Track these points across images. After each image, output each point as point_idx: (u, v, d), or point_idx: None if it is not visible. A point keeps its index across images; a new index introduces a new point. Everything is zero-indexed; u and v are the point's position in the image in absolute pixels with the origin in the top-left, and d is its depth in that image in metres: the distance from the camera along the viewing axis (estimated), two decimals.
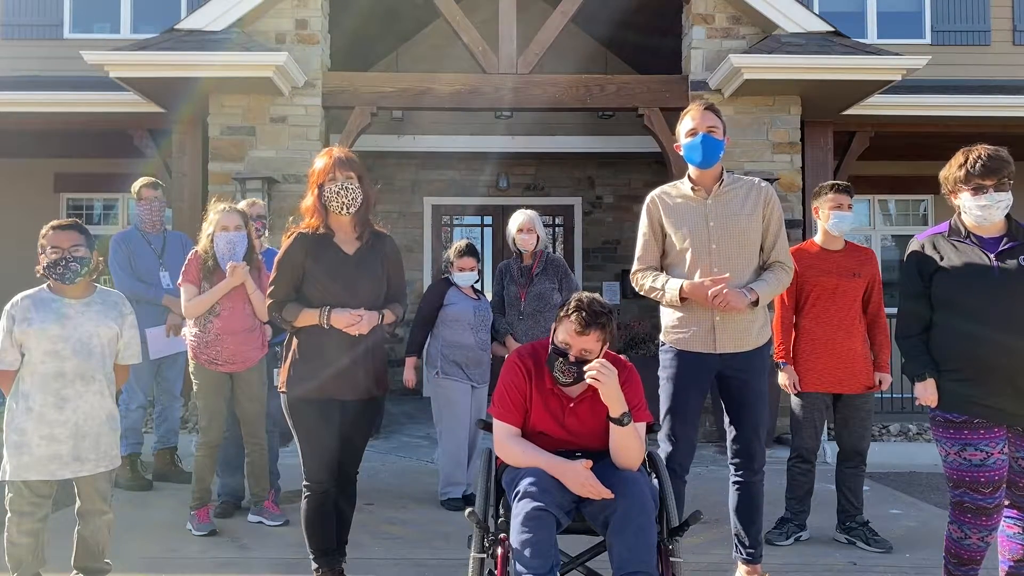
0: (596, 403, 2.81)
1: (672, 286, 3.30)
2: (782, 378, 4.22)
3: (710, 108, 3.37)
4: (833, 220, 4.13)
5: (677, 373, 3.36)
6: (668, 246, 3.41)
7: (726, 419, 3.48)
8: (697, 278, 3.28)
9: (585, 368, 2.73)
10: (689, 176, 3.42)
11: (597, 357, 2.78)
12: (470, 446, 4.96)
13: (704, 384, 3.41)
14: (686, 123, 3.36)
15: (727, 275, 3.22)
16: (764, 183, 3.47)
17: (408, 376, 4.90)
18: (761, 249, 3.41)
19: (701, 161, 3.32)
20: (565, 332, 2.77)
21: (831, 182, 4.26)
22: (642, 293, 3.47)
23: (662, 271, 3.43)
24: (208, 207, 4.40)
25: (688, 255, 3.33)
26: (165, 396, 5.45)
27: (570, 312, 2.75)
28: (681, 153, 3.40)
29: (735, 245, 3.32)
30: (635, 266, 3.49)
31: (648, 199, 3.48)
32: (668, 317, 3.44)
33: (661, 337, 3.49)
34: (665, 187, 3.49)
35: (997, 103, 7.32)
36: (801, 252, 4.22)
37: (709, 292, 3.18)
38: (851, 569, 3.85)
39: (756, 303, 3.28)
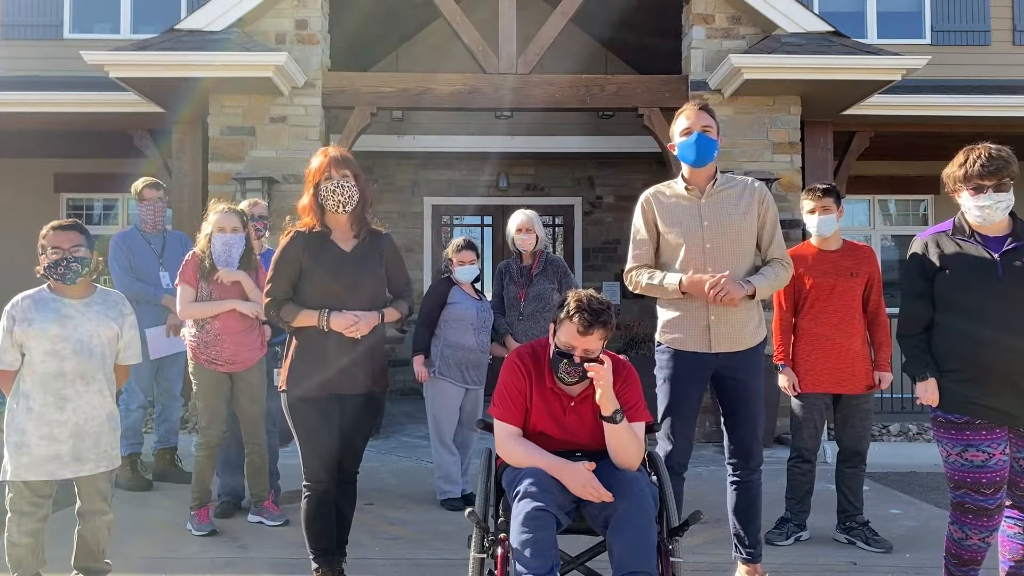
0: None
1: (671, 281, 3.31)
2: (782, 380, 4.22)
3: (704, 108, 3.37)
4: (813, 225, 4.16)
5: (674, 373, 3.36)
6: (662, 245, 3.42)
7: (723, 419, 3.48)
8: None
9: (587, 366, 2.73)
10: (683, 175, 3.42)
11: (599, 354, 2.78)
12: (464, 446, 4.97)
13: (702, 383, 3.41)
14: (680, 122, 3.36)
15: (727, 272, 3.23)
16: (758, 183, 3.48)
17: (419, 371, 4.88)
18: (758, 248, 3.42)
19: (696, 160, 3.32)
20: (567, 334, 2.76)
21: (810, 186, 4.26)
22: (637, 291, 3.47)
23: (656, 269, 3.44)
24: (208, 207, 4.40)
25: (682, 254, 3.33)
26: (165, 396, 5.45)
27: (571, 313, 2.73)
28: (675, 152, 3.40)
29: (729, 244, 3.32)
30: (629, 264, 3.50)
31: (642, 198, 3.48)
32: (664, 317, 3.45)
33: (657, 337, 3.48)
34: (658, 186, 3.50)
35: (997, 103, 7.32)
36: (797, 254, 4.23)
37: (707, 284, 3.19)
38: (851, 569, 3.85)
39: (752, 296, 3.30)
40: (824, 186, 4.20)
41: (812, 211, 4.15)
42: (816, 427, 4.20)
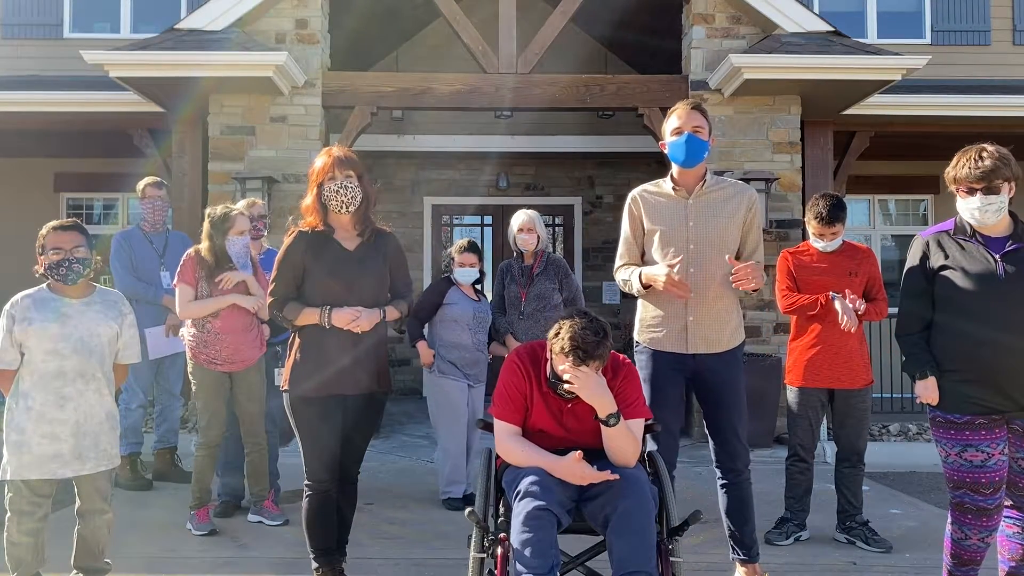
0: None
1: (634, 275, 3.33)
2: (837, 304, 3.97)
3: (697, 108, 3.35)
4: (818, 244, 4.16)
5: (654, 373, 3.36)
6: (647, 243, 3.41)
7: (705, 422, 3.47)
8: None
9: (566, 379, 2.73)
10: (671, 175, 3.41)
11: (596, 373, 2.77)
12: (468, 445, 4.97)
13: (681, 382, 3.39)
14: (672, 121, 3.35)
15: (680, 257, 3.24)
16: (750, 189, 3.47)
17: (424, 353, 4.88)
18: (740, 252, 3.39)
19: (684, 160, 3.31)
20: (562, 365, 2.74)
21: (816, 209, 4.10)
22: (624, 290, 3.47)
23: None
24: (208, 212, 4.38)
25: (669, 254, 3.32)
26: (165, 396, 5.45)
27: (566, 351, 2.70)
28: (665, 151, 3.40)
29: (712, 246, 3.31)
30: (616, 263, 3.51)
31: (630, 197, 3.48)
32: (642, 316, 3.45)
33: (635, 336, 3.48)
34: (646, 185, 3.49)
35: (997, 103, 7.32)
36: (798, 252, 4.26)
37: (662, 281, 3.16)
38: (851, 569, 3.85)
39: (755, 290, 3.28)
40: (828, 212, 4.06)
41: (819, 236, 4.12)
42: (812, 424, 4.20)
